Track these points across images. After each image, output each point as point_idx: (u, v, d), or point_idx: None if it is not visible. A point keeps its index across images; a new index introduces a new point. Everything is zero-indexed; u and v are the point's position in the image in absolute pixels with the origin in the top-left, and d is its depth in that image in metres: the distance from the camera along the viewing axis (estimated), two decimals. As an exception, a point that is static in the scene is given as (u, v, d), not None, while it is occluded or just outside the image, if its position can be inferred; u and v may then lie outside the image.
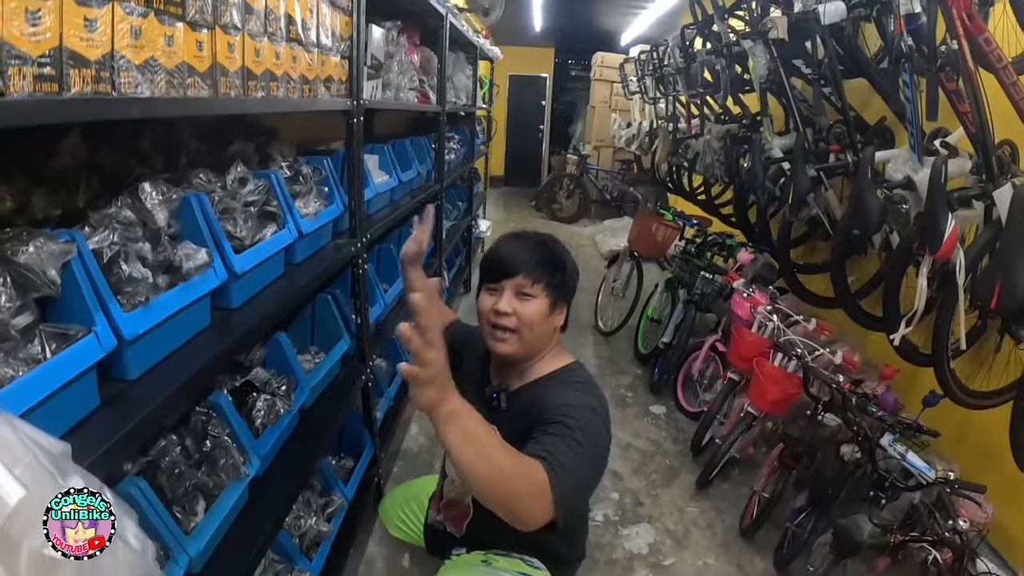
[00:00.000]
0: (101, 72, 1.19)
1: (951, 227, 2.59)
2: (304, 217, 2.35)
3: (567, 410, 1.77)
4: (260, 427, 2.16)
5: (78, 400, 1.34)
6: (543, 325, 1.94)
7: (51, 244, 1.25)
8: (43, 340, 1.24)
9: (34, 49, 1.04)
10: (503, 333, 1.94)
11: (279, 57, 1.96)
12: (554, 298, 1.94)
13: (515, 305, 1.91)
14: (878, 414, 2.92)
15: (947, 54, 2.61)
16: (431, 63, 4.66)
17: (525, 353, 1.98)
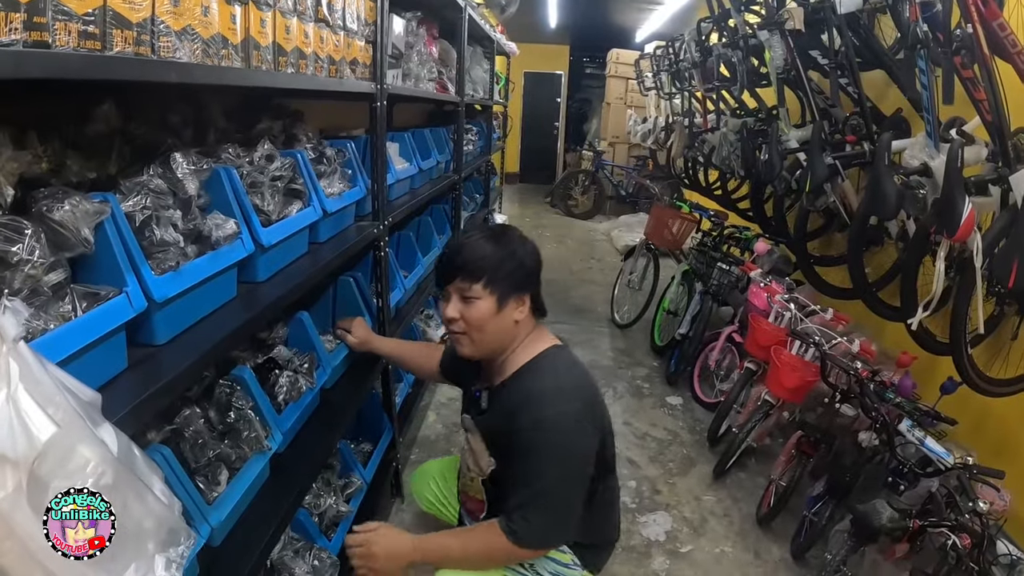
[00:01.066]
0: (142, 35, 1.22)
1: (968, 210, 2.60)
2: (328, 197, 2.37)
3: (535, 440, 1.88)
4: (283, 403, 2.18)
5: (107, 359, 1.36)
6: (494, 323, 1.97)
7: (86, 203, 1.27)
8: (74, 298, 1.26)
9: (80, 7, 1.07)
10: (458, 336, 2.02)
11: (308, 36, 1.99)
12: (500, 294, 1.95)
13: (460, 309, 1.97)
14: (896, 400, 2.92)
15: (962, 38, 2.61)
16: (449, 55, 4.69)
17: (488, 351, 2.05)
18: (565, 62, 15.51)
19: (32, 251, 1.16)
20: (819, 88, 4.09)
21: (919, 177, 3.02)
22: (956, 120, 3.12)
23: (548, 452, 1.87)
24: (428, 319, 4.33)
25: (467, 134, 5.61)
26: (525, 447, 1.89)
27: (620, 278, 6.43)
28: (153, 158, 1.61)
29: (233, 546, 1.79)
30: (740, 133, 5.13)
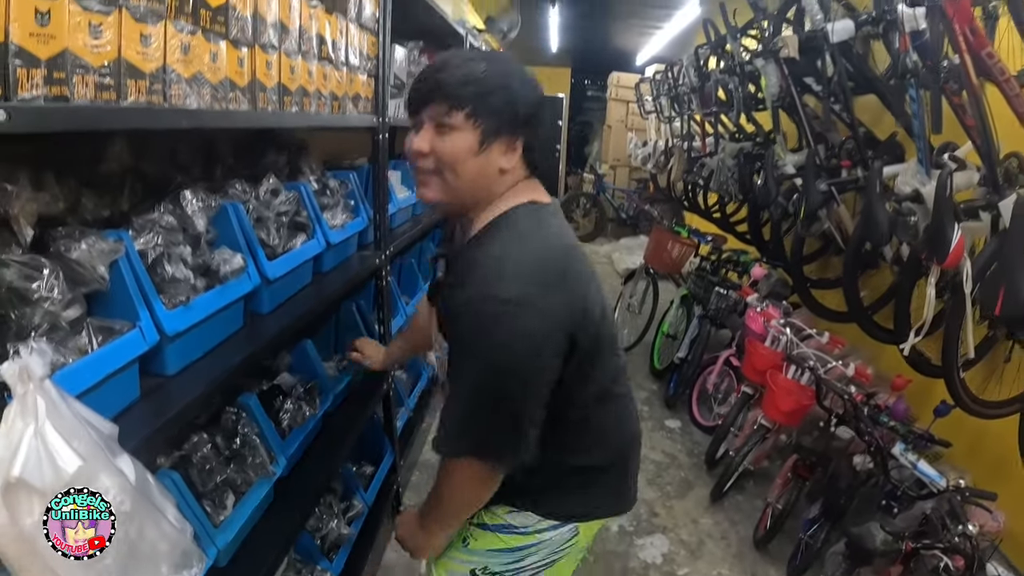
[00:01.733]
0: (154, 84, 1.30)
1: (957, 237, 2.65)
2: (332, 228, 2.43)
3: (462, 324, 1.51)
4: (286, 429, 2.24)
5: (121, 390, 1.43)
6: (472, 164, 1.54)
7: (101, 243, 1.35)
8: (90, 332, 1.34)
9: (96, 60, 1.14)
10: (424, 176, 1.59)
11: (311, 75, 2.06)
12: (485, 129, 1.52)
13: (433, 141, 1.53)
14: (890, 424, 2.98)
15: (950, 69, 2.68)
16: (451, 83, 4.72)
17: (458, 200, 1.61)
18: (567, 84, 15.62)
19: (52, 288, 1.24)
20: (815, 113, 4.17)
21: (911, 203, 3.08)
22: (949, 145, 3.18)
23: (471, 340, 1.50)
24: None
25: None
26: (456, 332, 1.55)
27: (620, 302, 6.48)
28: (164, 195, 1.69)
29: (238, 567, 1.85)
30: (737, 158, 5.20)
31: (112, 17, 1.17)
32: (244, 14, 1.63)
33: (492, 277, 1.47)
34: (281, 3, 1.82)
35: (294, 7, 1.91)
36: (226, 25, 1.56)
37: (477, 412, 1.53)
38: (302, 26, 1.97)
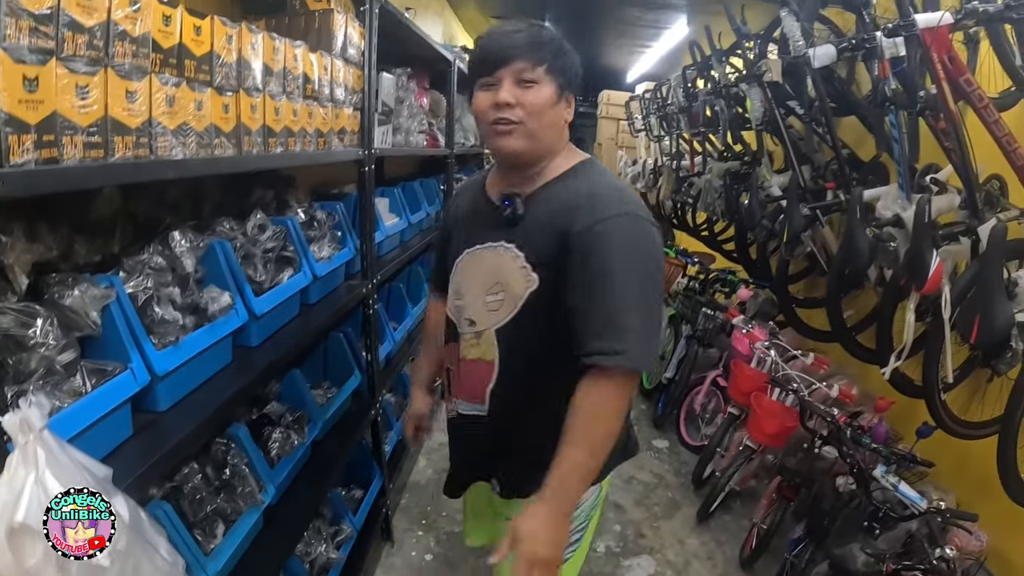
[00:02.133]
0: (140, 138, 1.35)
1: (936, 263, 2.68)
2: (318, 261, 2.48)
3: (612, 236, 1.61)
4: (275, 458, 2.28)
5: (114, 429, 1.49)
6: (551, 115, 1.72)
7: (93, 289, 1.42)
8: (84, 375, 1.40)
9: (84, 119, 1.19)
10: (507, 126, 1.70)
11: (296, 114, 2.11)
12: (559, 82, 1.71)
13: (517, 94, 1.67)
14: (872, 446, 3.01)
15: (926, 98, 2.73)
16: (440, 105, 4.80)
17: (534, 150, 1.75)
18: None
19: (46, 335, 1.30)
20: (800, 135, 4.22)
21: (891, 228, 3.12)
22: (931, 167, 3.23)
23: (634, 244, 1.63)
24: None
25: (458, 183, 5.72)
26: (604, 242, 1.62)
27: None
28: (153, 236, 1.75)
29: (230, 594, 1.89)
30: (724, 178, 5.25)
31: (98, 77, 1.22)
32: (229, 60, 1.69)
33: (623, 200, 1.69)
34: (265, 46, 1.88)
35: (278, 49, 1.97)
36: (211, 73, 1.61)
37: (648, 320, 1.62)
38: (287, 67, 2.02)
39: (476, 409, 1.90)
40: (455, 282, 1.92)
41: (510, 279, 1.75)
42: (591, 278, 1.61)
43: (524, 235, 1.74)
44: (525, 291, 1.73)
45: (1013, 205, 2.95)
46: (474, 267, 1.85)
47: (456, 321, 1.92)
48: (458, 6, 7.97)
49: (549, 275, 1.70)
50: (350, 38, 2.57)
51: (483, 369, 1.85)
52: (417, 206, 4.20)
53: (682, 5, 7.28)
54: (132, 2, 1.31)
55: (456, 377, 1.96)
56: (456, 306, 1.91)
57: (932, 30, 2.57)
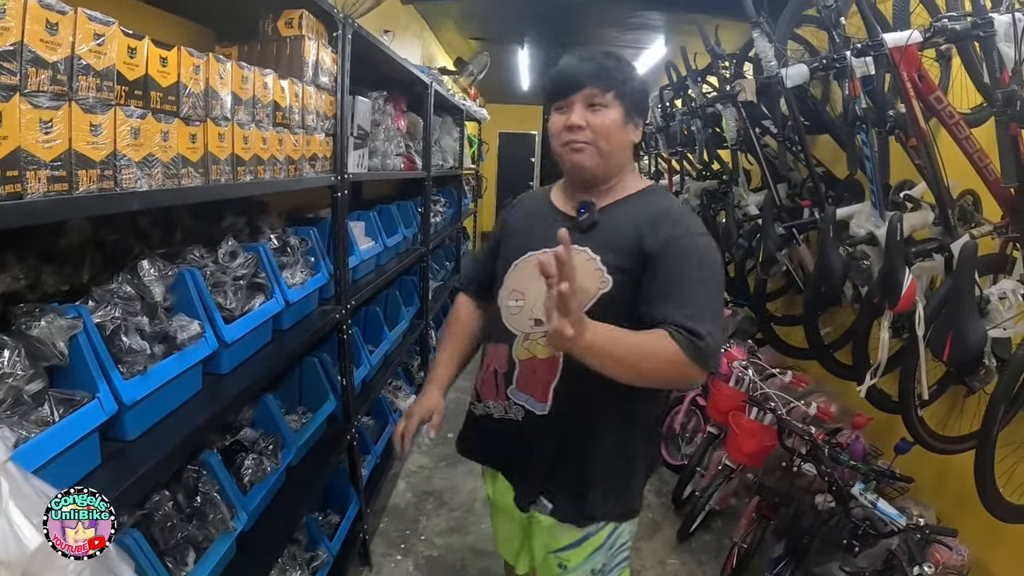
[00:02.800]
0: (105, 171, 1.35)
1: (909, 281, 2.70)
2: (291, 287, 2.48)
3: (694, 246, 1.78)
4: (248, 484, 2.28)
5: (82, 458, 1.48)
6: (619, 136, 1.88)
7: (60, 320, 1.42)
8: (52, 405, 1.40)
9: (47, 154, 1.20)
10: (579, 145, 1.87)
11: (266, 142, 2.12)
12: (627, 107, 1.86)
13: (587, 117, 1.84)
14: (850, 463, 3.02)
15: (895, 118, 2.76)
16: (418, 127, 4.82)
17: (604, 168, 1.90)
18: (539, 122, 15.62)
19: (14, 365, 1.31)
20: (775, 154, 4.25)
21: (865, 247, 3.15)
22: (905, 183, 3.26)
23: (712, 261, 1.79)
24: (396, 390, 4.41)
25: (436, 205, 5.74)
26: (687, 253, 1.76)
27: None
28: (123, 265, 1.75)
29: (201, 623, 1.88)
30: (701, 198, 5.29)
31: (62, 111, 1.23)
32: (196, 91, 1.69)
33: (698, 221, 1.88)
34: (234, 76, 1.89)
35: (247, 78, 1.97)
36: (177, 104, 1.62)
37: (720, 330, 1.75)
38: (256, 96, 2.03)
39: (538, 407, 1.93)
40: (511, 283, 2.01)
41: (583, 279, 1.65)
42: (676, 277, 1.74)
43: (600, 241, 1.86)
44: (598, 291, 1.82)
45: (987, 220, 2.98)
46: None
47: (508, 322, 1.98)
48: (437, 28, 8.00)
49: (622, 279, 1.82)
50: (322, 64, 2.58)
51: (548, 366, 1.91)
52: (394, 229, 4.21)
53: (660, 26, 7.33)
54: (96, 36, 1.31)
55: (515, 376, 1.97)
56: (511, 307, 1.98)
57: (901, 49, 2.60)
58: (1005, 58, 2.37)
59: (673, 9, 6.33)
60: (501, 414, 2.02)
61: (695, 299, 1.70)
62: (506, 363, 1.98)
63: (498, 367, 2.01)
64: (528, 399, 1.95)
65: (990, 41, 2.39)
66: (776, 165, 4.11)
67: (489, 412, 2.06)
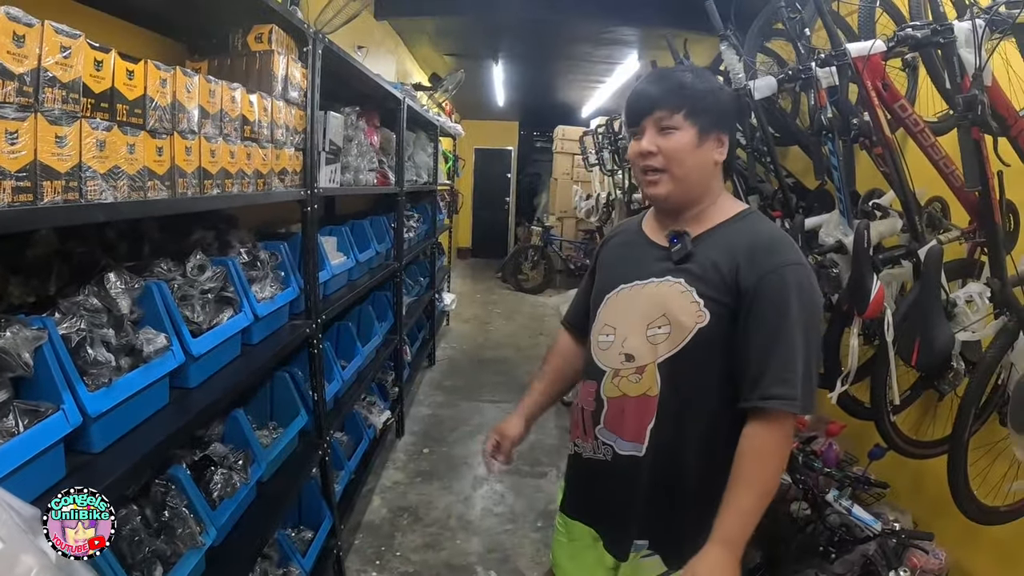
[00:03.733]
0: (70, 182, 1.36)
1: (877, 287, 2.72)
2: (260, 301, 2.48)
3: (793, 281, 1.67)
4: (217, 499, 2.26)
5: (47, 470, 1.48)
6: (694, 158, 1.75)
7: (25, 331, 1.42)
8: (16, 415, 1.40)
9: (13, 165, 1.21)
10: (653, 175, 1.77)
11: (234, 156, 2.12)
12: (701, 126, 1.74)
13: (658, 142, 1.74)
14: (824, 470, 3.05)
15: (859, 126, 2.80)
16: (391, 143, 4.83)
17: (683, 194, 1.79)
18: (515, 137, 15.77)
19: None
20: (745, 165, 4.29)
21: (834, 255, 3.18)
22: (874, 192, 3.30)
23: (803, 293, 1.69)
24: (371, 406, 4.40)
25: (409, 220, 5.72)
26: (778, 290, 1.67)
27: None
28: (89, 277, 1.75)
29: (169, 640, 1.87)
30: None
31: (27, 123, 1.24)
32: (163, 104, 1.70)
33: (795, 249, 1.77)
34: (201, 89, 1.90)
35: (215, 92, 1.98)
36: (143, 117, 1.63)
37: (812, 366, 1.69)
38: (223, 109, 2.04)
39: (633, 449, 1.81)
40: (603, 317, 1.92)
41: (678, 313, 1.74)
42: (769, 323, 1.67)
43: (695, 272, 1.75)
44: (695, 326, 1.73)
45: (955, 226, 3.03)
46: (633, 301, 1.85)
47: (599, 358, 1.89)
48: (412, 44, 8.04)
49: (720, 312, 1.72)
50: (292, 79, 2.59)
51: (644, 405, 1.79)
52: (366, 245, 4.20)
53: (632, 41, 7.40)
54: (63, 49, 1.32)
55: (603, 415, 1.86)
56: (602, 341, 1.89)
57: (864, 58, 2.63)
58: (966, 64, 2.39)
59: (645, 24, 6.40)
60: (590, 454, 1.91)
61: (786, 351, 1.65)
62: (594, 401, 1.88)
63: (585, 405, 1.92)
64: (616, 439, 1.83)
65: (951, 48, 2.42)
66: (747, 177, 4.14)
67: (579, 451, 1.97)
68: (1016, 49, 2.63)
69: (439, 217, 7.45)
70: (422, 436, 5.40)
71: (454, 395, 6.39)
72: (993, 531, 2.82)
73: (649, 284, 1.82)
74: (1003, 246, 2.59)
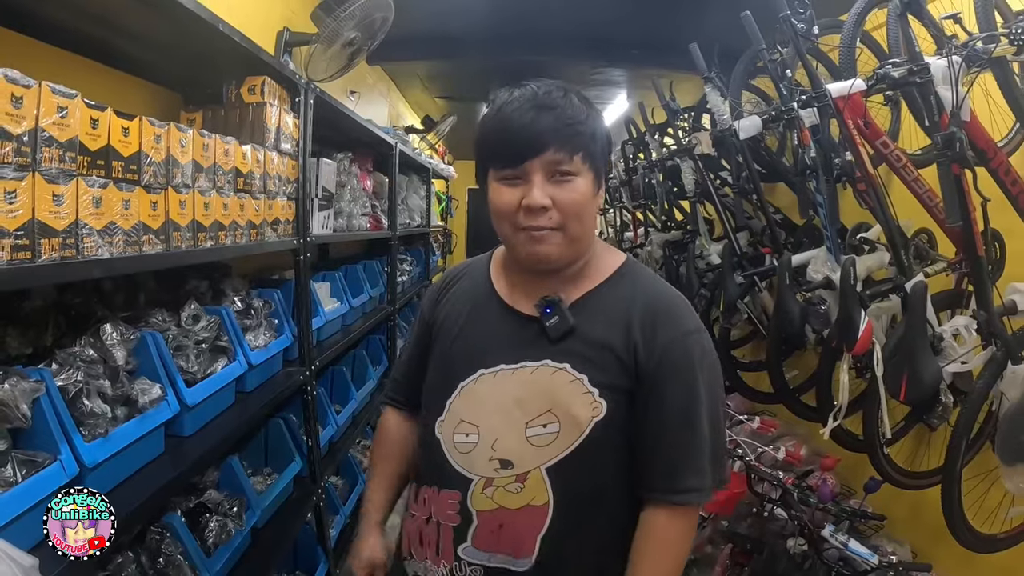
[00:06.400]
0: (67, 239, 1.40)
1: (864, 324, 2.75)
2: (254, 349, 2.50)
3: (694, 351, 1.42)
4: (212, 546, 2.27)
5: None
6: (591, 210, 1.43)
7: (23, 383, 1.45)
8: (15, 466, 1.43)
9: (11, 224, 1.25)
10: (542, 232, 1.39)
11: (227, 208, 2.16)
12: (596, 169, 1.42)
13: (552, 192, 1.36)
14: (820, 505, 3.05)
15: (842, 166, 2.84)
16: (384, 187, 4.88)
17: (574, 254, 1.45)
18: (508, 177, 15.82)
19: None
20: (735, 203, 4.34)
21: (823, 291, 3.20)
22: (862, 226, 3.34)
23: (708, 366, 1.44)
24: (366, 449, 4.39)
25: (403, 264, 5.75)
26: (682, 365, 1.41)
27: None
28: (85, 328, 1.79)
29: None
30: (664, 249, 5.37)
31: (25, 182, 1.28)
32: (157, 159, 1.75)
33: (690, 313, 1.49)
34: (195, 144, 1.95)
35: (208, 145, 2.03)
36: (138, 172, 1.67)
37: (718, 442, 1.47)
38: (217, 163, 2.08)
39: (519, 564, 1.43)
40: (458, 411, 1.51)
41: (570, 407, 1.42)
42: (677, 409, 1.41)
43: (583, 354, 1.44)
44: (590, 420, 1.41)
45: (942, 256, 3.04)
46: (502, 392, 1.48)
47: (459, 463, 1.49)
48: (404, 87, 8.10)
49: (617, 399, 1.43)
50: (284, 129, 2.64)
51: (531, 515, 1.43)
52: (360, 289, 4.24)
53: (622, 82, 7.49)
54: (59, 109, 1.37)
55: (470, 532, 1.46)
56: (460, 444, 1.49)
57: (845, 98, 2.67)
58: (944, 101, 2.41)
59: (633, 65, 6.47)
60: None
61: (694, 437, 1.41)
62: (457, 515, 1.47)
63: (442, 519, 1.49)
64: (491, 556, 1.44)
65: (927, 86, 2.46)
66: (736, 214, 4.19)
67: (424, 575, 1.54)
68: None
69: (432, 259, 7.47)
70: (419, 477, 5.32)
71: (451, 435, 6.26)
72: (993, 556, 2.81)
73: (521, 369, 1.47)
74: (988, 278, 2.60)
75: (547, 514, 1.42)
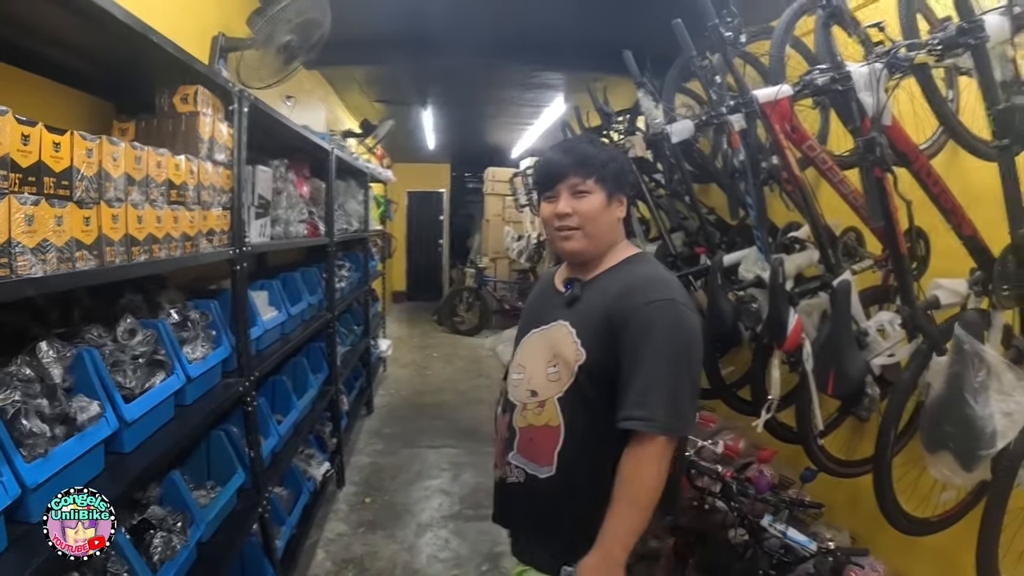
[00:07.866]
0: (0, 258, 1.37)
1: (794, 321, 2.83)
2: (192, 362, 2.48)
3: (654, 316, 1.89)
4: (158, 563, 2.25)
5: (-11, 541, 1.49)
6: (604, 217, 2.04)
7: None
8: (-45, 489, 1.40)
9: (-54, 244, 1.22)
10: (568, 232, 2.04)
11: (160, 220, 2.14)
12: (609, 190, 2.03)
13: (573, 204, 2.01)
14: (758, 496, 3.12)
15: (769, 169, 2.91)
16: (321, 192, 4.85)
17: (594, 248, 2.07)
18: (447, 180, 15.79)
19: None
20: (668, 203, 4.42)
21: (754, 290, 3.28)
22: (792, 225, 3.42)
23: (667, 327, 1.90)
24: (310, 458, 4.38)
25: (341, 270, 5.73)
26: (642, 324, 1.90)
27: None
28: (21, 347, 1.76)
29: None
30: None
31: (-43, 202, 1.26)
32: (89, 174, 1.73)
33: (666, 287, 1.98)
34: (127, 157, 1.93)
35: (140, 158, 2.01)
36: (70, 188, 1.66)
37: (678, 391, 1.87)
38: (149, 175, 2.07)
39: (544, 471, 2.02)
40: (518, 358, 2.19)
41: (565, 353, 2.01)
42: (631, 354, 1.90)
43: (579, 315, 2.03)
44: (575, 364, 1.98)
45: (869, 254, 3.12)
46: (537, 344, 2.12)
47: (511, 393, 2.15)
48: (342, 91, 8.06)
49: (595, 350, 1.97)
50: (218, 139, 2.63)
51: (549, 433, 2.02)
52: (298, 297, 4.20)
53: (559, 84, 7.54)
54: (-11, 127, 1.35)
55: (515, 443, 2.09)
56: (514, 380, 2.15)
57: (772, 104, 2.74)
58: (866, 106, 2.49)
59: (569, 69, 6.54)
60: (503, 478, 2.15)
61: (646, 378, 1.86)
62: (507, 430, 2.13)
63: (503, 434, 2.17)
64: (529, 463, 2.05)
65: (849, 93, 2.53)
66: (671, 215, 4.27)
67: (500, 476, 2.18)
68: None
69: (371, 264, 7.43)
70: (363, 485, 5.36)
71: (394, 442, 6.32)
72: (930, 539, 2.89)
73: (550, 327, 2.09)
74: (911, 275, 2.70)
75: (560, 434, 1.99)
